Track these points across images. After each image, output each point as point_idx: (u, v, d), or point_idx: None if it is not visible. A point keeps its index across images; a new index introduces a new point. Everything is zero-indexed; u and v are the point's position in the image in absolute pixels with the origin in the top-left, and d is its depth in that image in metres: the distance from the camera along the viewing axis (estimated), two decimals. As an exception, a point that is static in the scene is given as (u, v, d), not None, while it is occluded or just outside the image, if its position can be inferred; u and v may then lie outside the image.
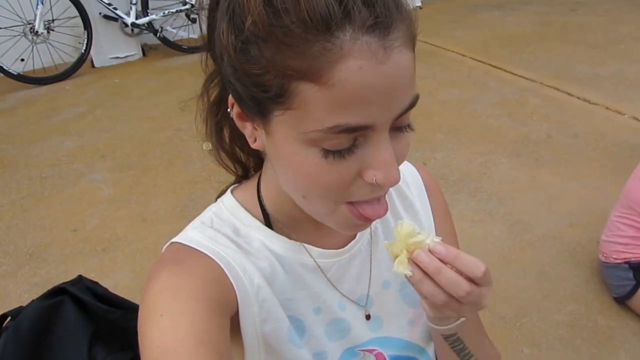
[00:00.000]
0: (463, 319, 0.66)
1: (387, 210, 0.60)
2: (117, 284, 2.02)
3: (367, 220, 0.60)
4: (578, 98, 3.46)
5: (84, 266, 2.14)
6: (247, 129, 0.60)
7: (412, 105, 0.54)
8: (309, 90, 0.49)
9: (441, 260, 0.58)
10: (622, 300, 1.85)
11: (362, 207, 0.58)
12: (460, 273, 0.58)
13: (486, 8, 5.65)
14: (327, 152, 0.52)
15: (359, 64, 0.47)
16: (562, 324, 1.83)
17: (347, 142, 0.52)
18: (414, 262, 0.58)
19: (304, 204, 0.60)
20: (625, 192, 1.82)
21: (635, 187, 1.76)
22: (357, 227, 0.62)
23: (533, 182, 2.61)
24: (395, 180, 0.55)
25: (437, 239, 0.59)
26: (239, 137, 0.70)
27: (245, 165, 0.75)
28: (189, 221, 0.69)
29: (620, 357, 1.70)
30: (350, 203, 0.58)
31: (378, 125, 0.52)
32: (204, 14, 0.62)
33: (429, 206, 0.83)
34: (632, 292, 1.78)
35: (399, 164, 0.58)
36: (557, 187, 2.57)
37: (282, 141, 0.55)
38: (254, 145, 0.61)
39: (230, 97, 0.59)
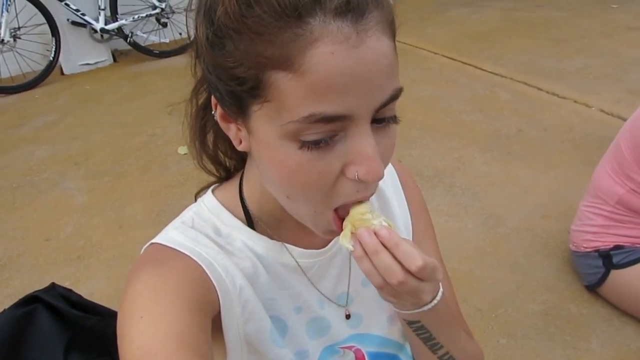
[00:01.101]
0: (424, 307, 0.66)
1: None
2: (92, 291, 1.99)
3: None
4: (547, 92, 3.53)
5: (58, 275, 2.11)
6: (231, 130, 0.60)
7: (393, 97, 0.53)
8: (282, 79, 0.48)
9: (384, 244, 0.57)
10: (592, 288, 1.89)
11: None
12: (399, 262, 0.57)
13: (454, 5, 5.72)
14: (304, 144, 0.51)
15: (330, 49, 0.47)
16: (536, 314, 1.87)
17: (324, 134, 0.51)
18: (357, 239, 0.58)
19: (288, 205, 0.60)
20: (593, 182, 1.87)
21: (602, 177, 1.80)
22: (335, 233, 0.61)
23: (505, 176, 2.66)
24: (378, 175, 0.53)
25: (386, 224, 0.59)
26: (222, 141, 0.71)
27: (227, 168, 0.75)
28: (166, 226, 0.68)
29: (592, 343, 1.74)
30: (336, 210, 0.58)
31: (357, 116, 0.51)
32: (174, 18, 0.62)
33: (405, 201, 0.84)
34: (602, 280, 1.82)
35: (384, 162, 0.57)
36: (529, 180, 2.62)
37: (262, 138, 0.54)
38: (240, 148, 0.60)
39: (212, 98, 0.58)
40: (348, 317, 0.78)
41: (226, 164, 0.74)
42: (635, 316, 1.79)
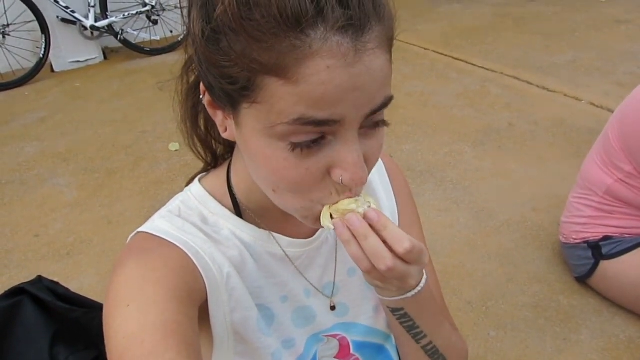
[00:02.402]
0: (408, 294, 0.65)
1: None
2: (82, 287, 1.98)
3: None
4: (537, 86, 3.54)
5: (47, 270, 2.09)
6: (218, 117, 0.60)
7: (384, 105, 0.53)
8: (274, 84, 0.48)
9: (372, 227, 0.57)
10: (582, 280, 1.90)
11: None
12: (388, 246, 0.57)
13: (445, 2, 5.73)
14: (294, 146, 0.51)
15: (327, 63, 0.47)
16: (526, 306, 1.87)
17: (314, 135, 0.51)
18: (345, 224, 0.57)
19: (274, 197, 0.60)
20: (582, 174, 1.87)
21: (591, 168, 1.81)
22: (318, 222, 0.61)
23: (496, 170, 2.67)
24: (362, 181, 0.54)
25: (374, 205, 0.58)
26: (212, 124, 0.70)
27: (216, 153, 0.74)
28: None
29: (582, 334, 1.75)
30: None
31: (346, 122, 0.51)
32: (165, 16, 0.60)
33: (391, 191, 0.85)
34: (591, 271, 1.82)
35: (371, 165, 0.57)
36: (520, 173, 2.62)
37: (250, 134, 0.54)
38: (224, 135, 0.60)
39: (202, 84, 0.58)
40: (333, 308, 0.78)
41: (214, 148, 0.74)
42: (624, 307, 1.80)
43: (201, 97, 0.59)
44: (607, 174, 1.74)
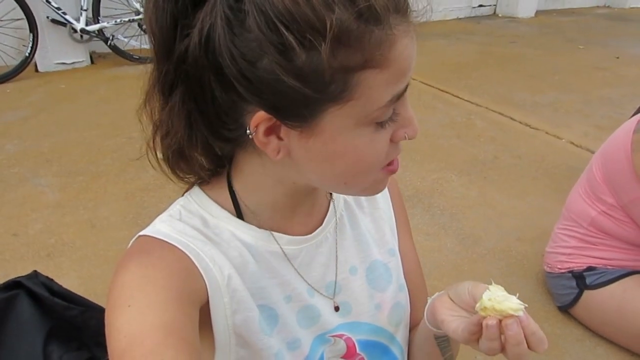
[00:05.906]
0: None
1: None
2: (64, 289, 1.92)
3: (394, 172, 0.66)
4: (520, 123, 3.65)
5: (26, 271, 1.96)
6: (271, 143, 0.59)
7: None
8: (371, 76, 0.53)
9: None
10: (565, 309, 1.93)
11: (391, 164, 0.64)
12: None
13: (432, 37, 5.89)
14: (378, 125, 0.58)
15: (404, 42, 0.54)
16: (510, 332, 1.89)
17: (393, 109, 0.58)
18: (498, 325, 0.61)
19: (344, 189, 0.66)
20: (567, 205, 1.93)
21: (576, 200, 1.87)
22: (383, 184, 0.67)
23: (482, 199, 2.72)
24: (418, 130, 0.62)
25: (522, 307, 0.63)
26: (209, 133, 0.65)
27: (211, 168, 0.72)
28: (142, 228, 0.66)
29: (565, 362, 1.78)
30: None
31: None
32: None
33: (389, 201, 0.87)
34: (575, 300, 1.86)
35: None
36: (504, 204, 2.68)
37: (335, 134, 0.57)
38: (278, 158, 0.60)
39: (256, 116, 0.56)
40: (337, 308, 0.78)
41: (206, 166, 0.71)
42: (606, 336, 1.84)
43: (249, 132, 0.58)
44: (591, 206, 1.80)
